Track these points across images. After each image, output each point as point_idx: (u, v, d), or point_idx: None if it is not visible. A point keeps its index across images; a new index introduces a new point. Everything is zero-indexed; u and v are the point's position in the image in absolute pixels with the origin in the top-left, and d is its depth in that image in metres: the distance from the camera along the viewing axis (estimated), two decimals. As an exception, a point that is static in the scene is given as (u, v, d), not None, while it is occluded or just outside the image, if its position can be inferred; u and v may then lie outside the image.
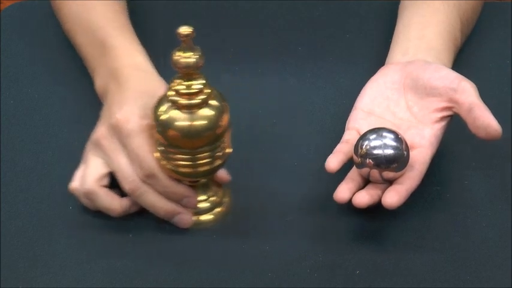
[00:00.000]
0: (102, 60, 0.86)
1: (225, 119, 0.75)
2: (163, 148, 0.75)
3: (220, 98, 0.75)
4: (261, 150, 0.87)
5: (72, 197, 0.82)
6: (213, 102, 0.74)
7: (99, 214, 0.81)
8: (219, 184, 0.82)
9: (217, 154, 0.76)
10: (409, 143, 0.78)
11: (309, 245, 0.78)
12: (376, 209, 0.81)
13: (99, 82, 0.86)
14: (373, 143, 0.77)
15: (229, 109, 0.75)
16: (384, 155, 0.76)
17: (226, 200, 0.82)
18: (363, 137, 0.78)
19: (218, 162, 0.76)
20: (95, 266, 0.77)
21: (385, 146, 0.77)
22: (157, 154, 0.76)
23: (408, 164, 0.77)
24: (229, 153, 0.77)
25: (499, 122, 0.90)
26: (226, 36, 1.02)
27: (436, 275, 0.75)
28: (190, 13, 1.06)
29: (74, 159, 0.86)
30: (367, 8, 1.06)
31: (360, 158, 0.77)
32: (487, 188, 0.83)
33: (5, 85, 0.95)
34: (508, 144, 0.87)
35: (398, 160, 0.77)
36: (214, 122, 0.74)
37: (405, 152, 0.77)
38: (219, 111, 0.74)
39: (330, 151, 0.86)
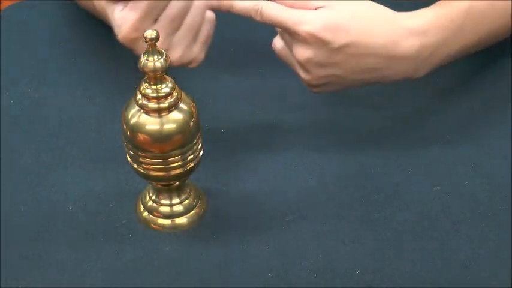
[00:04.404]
0: None
1: (195, 122, 0.75)
2: (133, 152, 0.75)
3: (189, 101, 0.75)
4: (261, 151, 0.87)
5: (72, 197, 0.82)
6: (182, 106, 0.74)
7: (99, 214, 0.81)
8: (193, 187, 0.82)
9: (189, 157, 0.76)
10: None
11: (309, 245, 0.78)
12: (376, 209, 0.81)
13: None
14: None
15: (198, 112, 0.76)
16: None
17: (201, 202, 0.82)
18: None
19: (191, 165, 0.76)
20: (94, 266, 0.77)
21: None
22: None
23: None
24: (201, 156, 0.77)
25: (499, 121, 0.90)
26: (226, 36, 1.02)
27: (436, 275, 0.76)
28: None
29: (74, 159, 0.86)
30: (367, 8, 1.06)
31: None
32: (486, 188, 0.83)
33: (5, 85, 0.95)
34: (508, 144, 0.87)
35: None
36: (184, 125, 0.74)
37: None
38: (189, 114, 0.74)
39: (329, 150, 0.86)
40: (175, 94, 0.73)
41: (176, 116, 0.74)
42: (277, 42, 0.84)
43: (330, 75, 0.81)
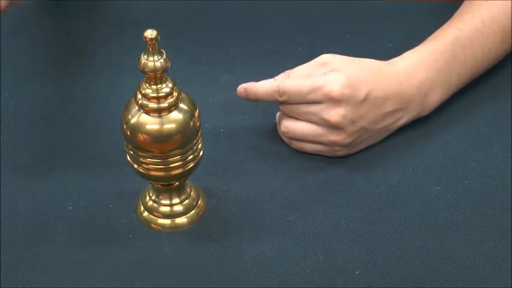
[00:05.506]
0: None
1: (195, 122, 0.75)
2: (133, 152, 0.75)
3: (189, 101, 0.75)
4: (260, 151, 0.87)
5: (72, 197, 0.82)
6: (182, 106, 0.74)
7: (99, 214, 0.81)
8: (193, 187, 0.82)
9: (189, 157, 0.76)
10: None
11: (309, 245, 0.78)
12: (376, 209, 0.81)
13: None
14: None
15: (198, 112, 0.76)
16: None
17: (201, 202, 0.82)
18: None
19: (191, 165, 0.76)
20: (94, 266, 0.77)
21: None
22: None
23: None
24: (201, 156, 0.78)
25: (498, 121, 0.90)
26: (226, 36, 1.02)
27: (436, 275, 0.75)
28: (190, 13, 1.06)
29: (74, 159, 0.86)
30: (367, 8, 1.06)
31: None
32: (487, 188, 0.83)
33: (5, 85, 0.95)
34: (508, 144, 0.87)
35: None
36: (184, 125, 0.74)
37: None
38: (189, 114, 0.74)
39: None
40: (175, 94, 0.73)
41: (176, 116, 0.74)
42: (289, 123, 0.85)
43: (359, 130, 0.83)
